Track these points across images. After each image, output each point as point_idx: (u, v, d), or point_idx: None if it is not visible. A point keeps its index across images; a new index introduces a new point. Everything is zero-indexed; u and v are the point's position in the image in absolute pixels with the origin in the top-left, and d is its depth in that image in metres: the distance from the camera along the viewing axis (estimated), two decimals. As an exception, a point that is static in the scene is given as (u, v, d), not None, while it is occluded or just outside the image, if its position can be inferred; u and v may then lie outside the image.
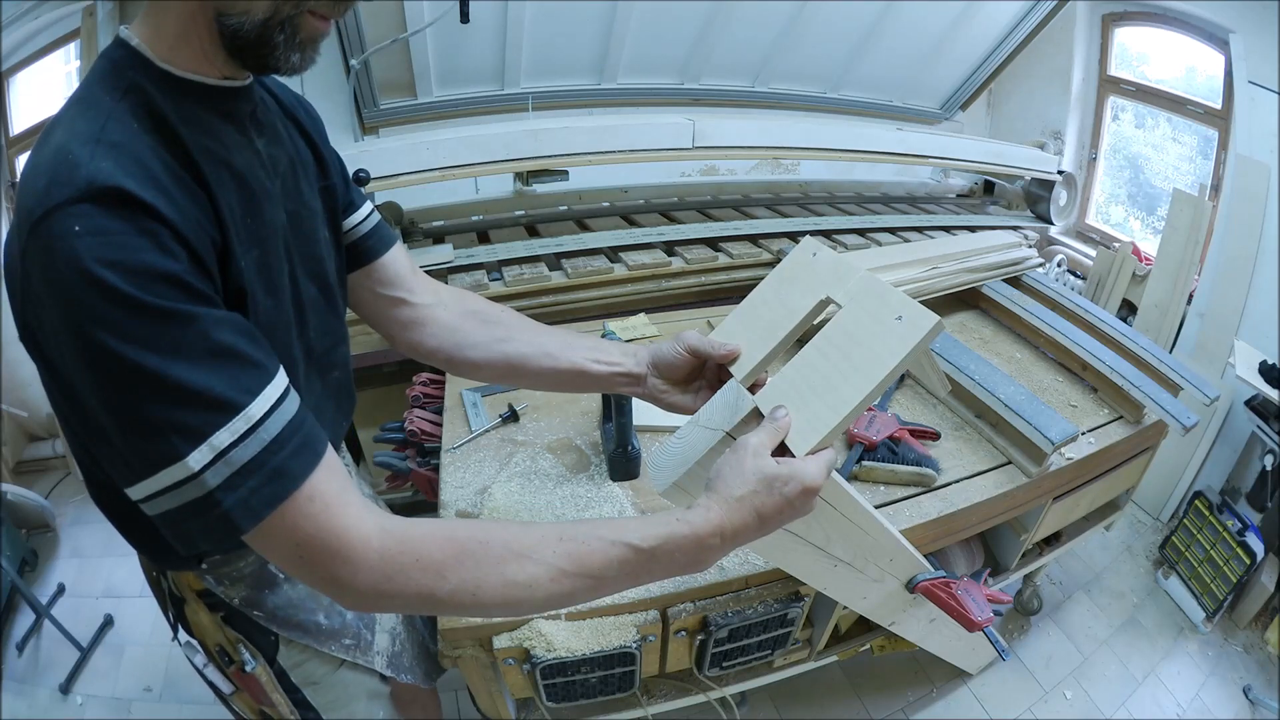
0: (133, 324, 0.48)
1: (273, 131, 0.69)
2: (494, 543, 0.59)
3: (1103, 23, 2.79)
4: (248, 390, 0.52)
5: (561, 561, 0.59)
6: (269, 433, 0.52)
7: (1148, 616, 2.06)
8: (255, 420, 0.52)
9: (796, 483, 0.63)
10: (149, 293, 0.48)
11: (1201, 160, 2.63)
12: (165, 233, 0.50)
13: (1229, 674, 1.90)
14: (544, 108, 2.39)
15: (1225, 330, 2.20)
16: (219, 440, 0.50)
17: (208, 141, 0.58)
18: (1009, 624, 1.98)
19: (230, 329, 0.53)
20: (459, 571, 0.57)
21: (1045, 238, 3.00)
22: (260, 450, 0.52)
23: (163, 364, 0.49)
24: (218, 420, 0.50)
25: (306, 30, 0.57)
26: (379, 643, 0.97)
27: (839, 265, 0.78)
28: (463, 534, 0.59)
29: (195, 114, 0.58)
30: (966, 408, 1.46)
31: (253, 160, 0.64)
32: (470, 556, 0.57)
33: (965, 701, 1.79)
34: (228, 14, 0.54)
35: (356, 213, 0.85)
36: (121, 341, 0.48)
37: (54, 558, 2.14)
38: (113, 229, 0.48)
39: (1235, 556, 1.94)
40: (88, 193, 0.48)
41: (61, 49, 2.14)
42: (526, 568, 0.58)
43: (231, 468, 0.51)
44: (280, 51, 0.57)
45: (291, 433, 0.54)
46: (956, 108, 3.17)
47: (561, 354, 0.87)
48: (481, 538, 0.59)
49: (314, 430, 0.57)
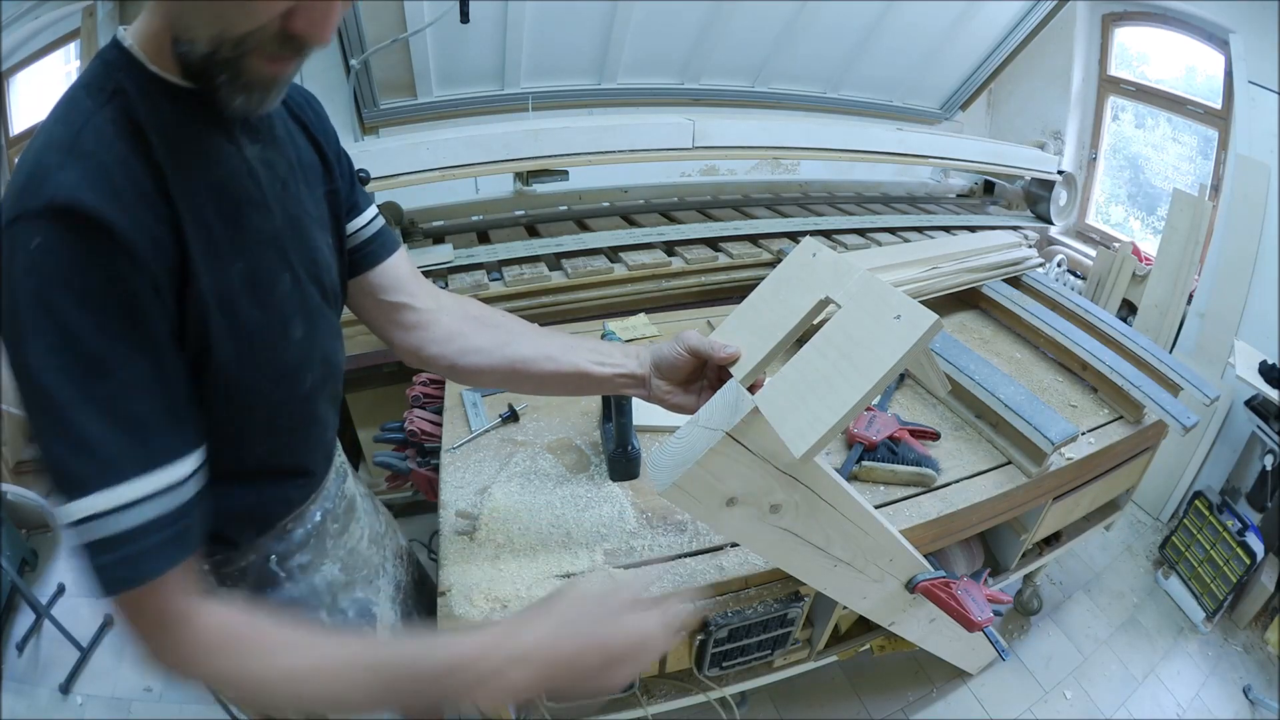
0: (59, 352, 0.49)
1: (270, 135, 0.68)
2: (269, 634, 0.58)
3: (1103, 23, 2.79)
4: (141, 464, 0.52)
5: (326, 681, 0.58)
6: (145, 515, 0.52)
7: (1148, 616, 2.06)
8: (136, 499, 0.51)
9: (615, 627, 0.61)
10: (84, 328, 0.49)
11: (1201, 160, 2.63)
12: (119, 257, 0.50)
13: (1229, 674, 1.90)
14: (544, 108, 2.39)
15: (1225, 330, 2.20)
16: (94, 504, 0.50)
17: (184, 153, 0.57)
18: (1009, 624, 1.98)
19: (150, 396, 0.53)
20: (247, 661, 0.57)
21: (1045, 238, 3.00)
22: (132, 528, 0.51)
23: (71, 401, 0.49)
24: (103, 481, 0.50)
25: (251, 73, 0.53)
26: (379, 635, 0.96)
27: (839, 265, 0.78)
28: (242, 625, 0.58)
29: (177, 122, 0.57)
30: (966, 408, 1.46)
31: (239, 168, 0.62)
32: (265, 654, 0.57)
33: (965, 701, 1.79)
34: (179, 39, 0.53)
35: (360, 216, 0.84)
36: (43, 363, 0.49)
37: (54, 558, 2.14)
38: (66, 251, 0.48)
39: (1235, 556, 1.94)
40: (48, 209, 0.48)
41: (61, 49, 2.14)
42: (296, 660, 0.58)
43: (98, 534, 0.51)
44: (222, 92, 0.54)
45: (171, 522, 0.54)
46: (956, 108, 3.17)
47: (564, 356, 0.86)
48: (260, 629, 0.59)
49: (193, 525, 0.57)
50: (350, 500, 0.96)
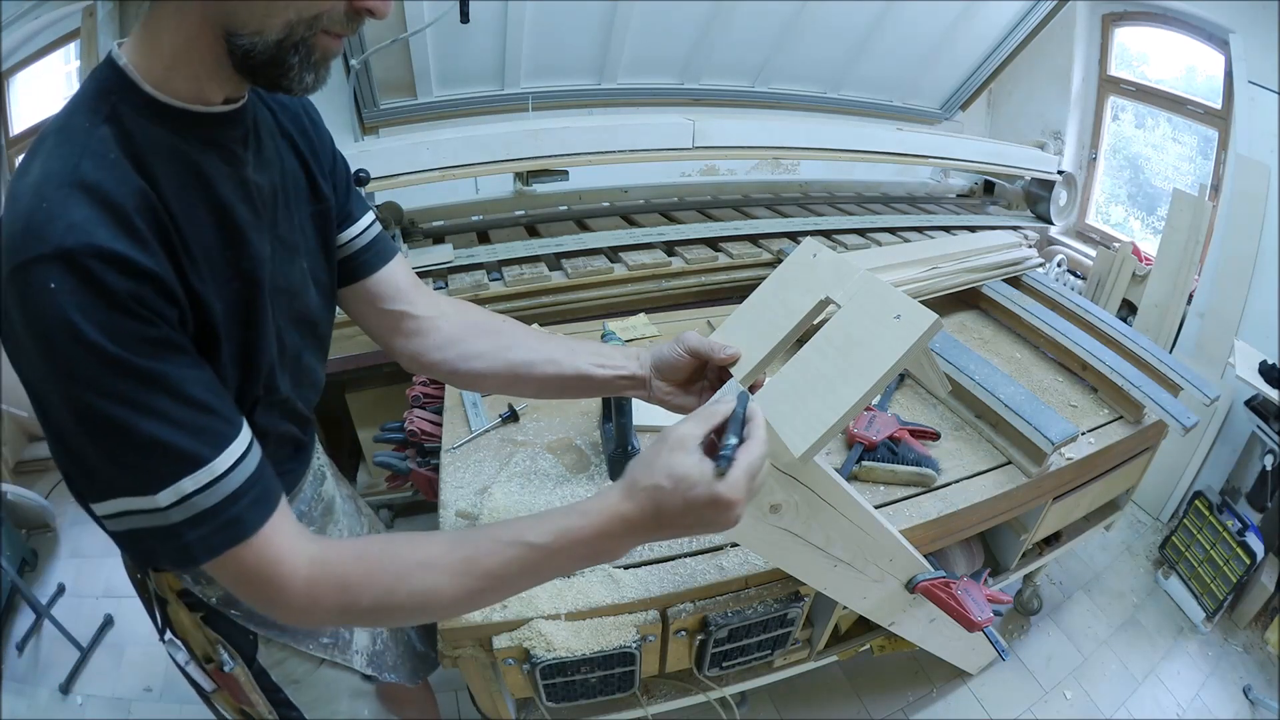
0: (107, 381, 0.50)
1: (260, 155, 0.67)
2: (400, 556, 0.62)
3: (1103, 23, 2.79)
4: (214, 445, 0.55)
5: (460, 566, 0.62)
6: (230, 485, 0.56)
7: (1148, 616, 2.06)
8: (219, 474, 0.55)
9: (704, 489, 0.59)
10: (124, 349, 0.50)
11: (1201, 160, 2.63)
12: (139, 287, 0.51)
13: (1229, 674, 1.90)
14: (544, 108, 2.39)
15: (1225, 330, 2.20)
16: (184, 486, 0.54)
17: (186, 178, 0.57)
18: (1009, 624, 1.98)
19: (200, 385, 0.55)
20: (372, 587, 0.61)
21: (1045, 238, 3.00)
22: (221, 500, 0.55)
23: (136, 419, 0.51)
24: (184, 470, 0.54)
25: (321, 50, 0.56)
26: (358, 641, 0.96)
27: (839, 265, 0.78)
28: (373, 551, 0.63)
29: (176, 145, 0.56)
30: (966, 408, 1.46)
31: (237, 191, 0.62)
32: (381, 572, 0.61)
33: (965, 701, 1.79)
34: (238, 34, 0.53)
35: (354, 225, 0.83)
36: (96, 396, 0.50)
37: (54, 558, 2.15)
38: (86, 288, 0.48)
39: (1235, 556, 1.93)
40: (60, 251, 0.48)
41: (61, 49, 2.14)
42: (430, 576, 0.61)
43: (194, 510, 0.54)
44: (295, 73, 0.56)
45: (251, 485, 0.58)
46: (956, 108, 3.17)
47: (566, 360, 0.86)
48: (389, 552, 0.62)
49: (270, 482, 0.60)
50: (328, 503, 0.96)
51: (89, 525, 0.68)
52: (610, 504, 0.62)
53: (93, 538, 2.12)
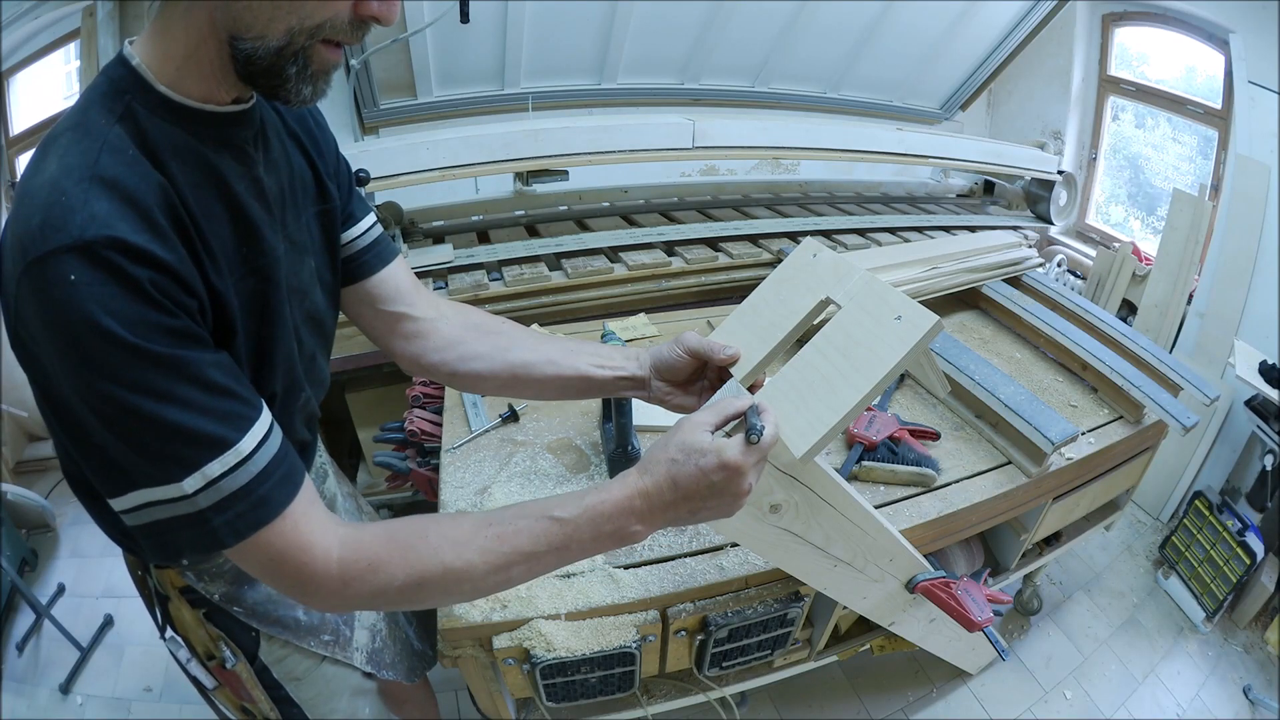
0: (131, 371, 0.50)
1: (268, 155, 0.68)
2: (431, 536, 0.63)
3: (1103, 23, 2.79)
4: (238, 428, 0.56)
5: (490, 544, 0.62)
6: (257, 466, 0.56)
7: (1148, 616, 2.06)
8: (245, 455, 0.56)
9: (713, 456, 0.62)
10: (145, 339, 0.50)
11: (1201, 160, 2.64)
12: (160, 279, 0.51)
13: (1229, 674, 1.90)
14: (544, 108, 2.39)
15: (1225, 330, 2.20)
16: (211, 470, 0.54)
17: (201, 174, 0.57)
18: (1009, 624, 1.98)
19: (221, 370, 0.56)
20: (404, 567, 0.61)
21: (1045, 238, 3.00)
22: (249, 480, 0.56)
23: (160, 408, 0.51)
24: (211, 454, 0.54)
25: (319, 62, 0.56)
26: (358, 639, 0.96)
27: (839, 266, 0.78)
28: (403, 531, 0.63)
29: (191, 144, 0.57)
30: (966, 408, 1.46)
31: (250, 190, 0.63)
32: (412, 551, 0.61)
33: (965, 701, 1.79)
34: (242, 38, 0.53)
35: (356, 225, 0.83)
36: (119, 387, 0.50)
37: (54, 558, 2.15)
38: (108, 279, 0.48)
39: (1235, 556, 1.93)
40: (81, 243, 0.48)
41: (61, 49, 2.14)
42: (462, 554, 0.62)
43: (222, 494, 0.55)
44: (291, 84, 0.56)
45: (276, 465, 0.58)
46: (956, 108, 3.18)
47: (565, 360, 0.86)
48: (420, 532, 0.63)
49: (294, 462, 0.61)
50: (329, 501, 0.97)
51: (89, 525, 0.68)
52: (629, 480, 0.65)
53: (93, 538, 2.13)
